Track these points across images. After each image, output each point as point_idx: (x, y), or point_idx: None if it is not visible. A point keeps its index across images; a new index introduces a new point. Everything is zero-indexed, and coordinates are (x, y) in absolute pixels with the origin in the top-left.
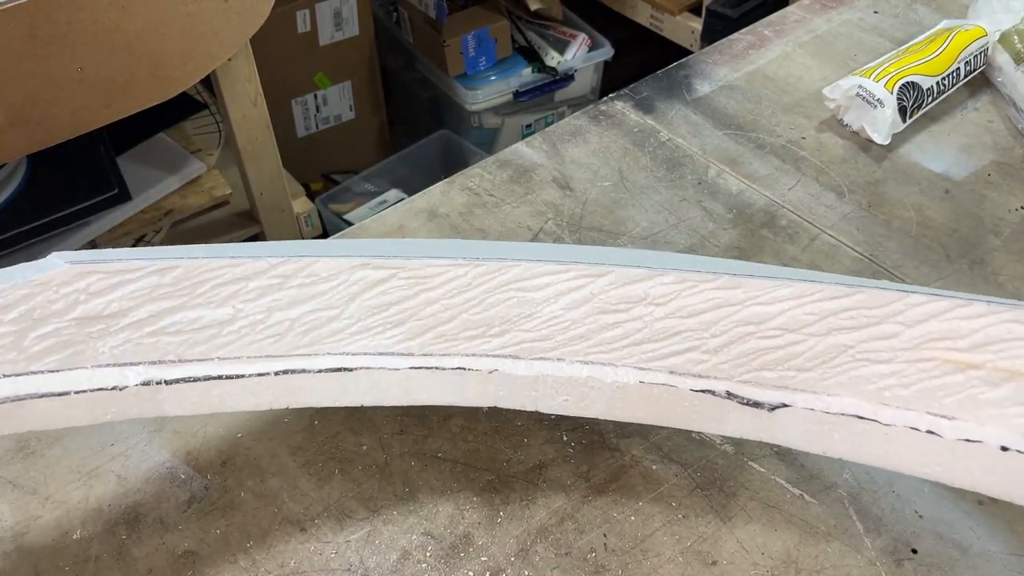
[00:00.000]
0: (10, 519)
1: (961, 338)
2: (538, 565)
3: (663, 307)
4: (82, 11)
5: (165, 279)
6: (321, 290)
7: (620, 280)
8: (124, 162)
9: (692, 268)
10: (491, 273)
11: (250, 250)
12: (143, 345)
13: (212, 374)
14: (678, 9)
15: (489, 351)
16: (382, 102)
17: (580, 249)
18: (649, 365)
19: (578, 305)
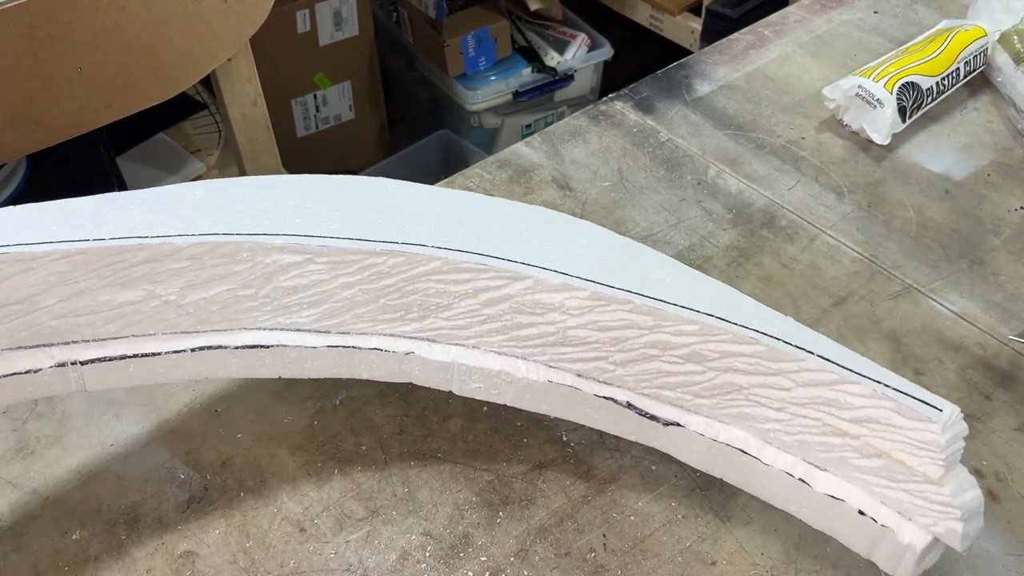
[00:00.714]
0: (10, 519)
1: (845, 409)
2: (538, 565)
3: (576, 318)
4: (82, 11)
5: (71, 265)
6: (235, 270)
7: (537, 287)
8: (124, 162)
9: (608, 283)
10: (411, 264)
11: (153, 228)
12: (56, 328)
13: (128, 353)
14: (678, 9)
15: (406, 333)
16: (382, 102)
17: (503, 241)
18: (558, 365)
19: (495, 303)
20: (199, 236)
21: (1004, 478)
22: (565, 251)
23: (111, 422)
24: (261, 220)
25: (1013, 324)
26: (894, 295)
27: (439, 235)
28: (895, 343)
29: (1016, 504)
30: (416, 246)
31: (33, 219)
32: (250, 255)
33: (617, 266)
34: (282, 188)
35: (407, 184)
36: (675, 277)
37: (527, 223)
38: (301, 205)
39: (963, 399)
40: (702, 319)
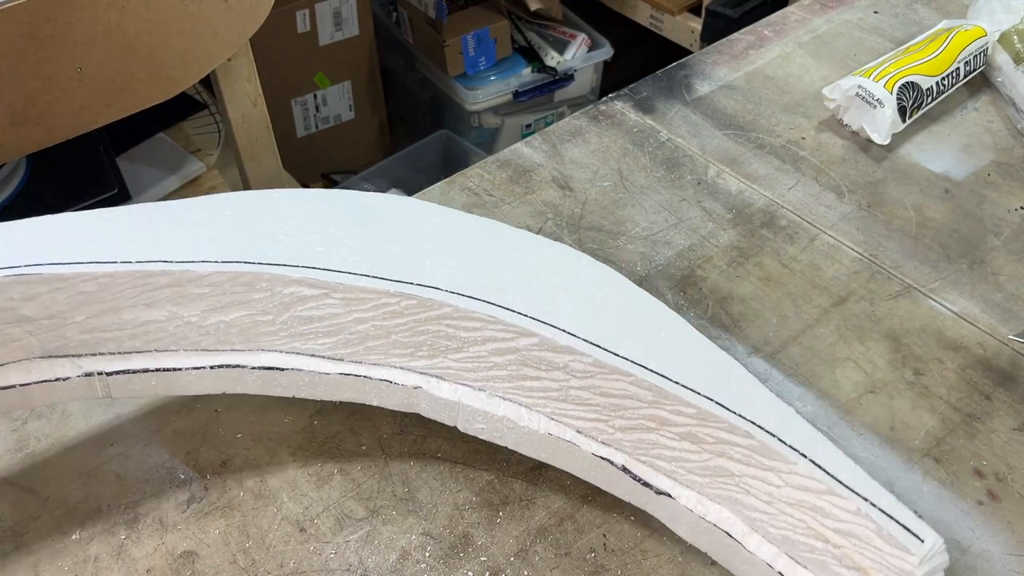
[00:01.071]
0: (10, 519)
1: (829, 518)
2: (538, 565)
3: (580, 380)
4: (82, 11)
5: (97, 286)
6: (255, 298)
7: (544, 346)
8: (124, 162)
9: (614, 351)
10: (423, 308)
11: (177, 250)
12: (84, 341)
13: (150, 367)
14: (678, 9)
15: (416, 368)
16: (382, 102)
17: (518, 288)
18: (560, 419)
19: (503, 353)
20: (220, 264)
21: (1004, 478)
22: (577, 304)
23: (111, 422)
24: (284, 246)
25: (1013, 324)
26: (894, 295)
27: (455, 277)
28: (895, 343)
29: (1016, 504)
30: (430, 289)
31: (65, 232)
32: (268, 285)
33: (626, 328)
34: (310, 207)
35: (433, 209)
36: (683, 346)
37: (547, 265)
38: (325, 230)
39: (963, 399)
40: (701, 403)
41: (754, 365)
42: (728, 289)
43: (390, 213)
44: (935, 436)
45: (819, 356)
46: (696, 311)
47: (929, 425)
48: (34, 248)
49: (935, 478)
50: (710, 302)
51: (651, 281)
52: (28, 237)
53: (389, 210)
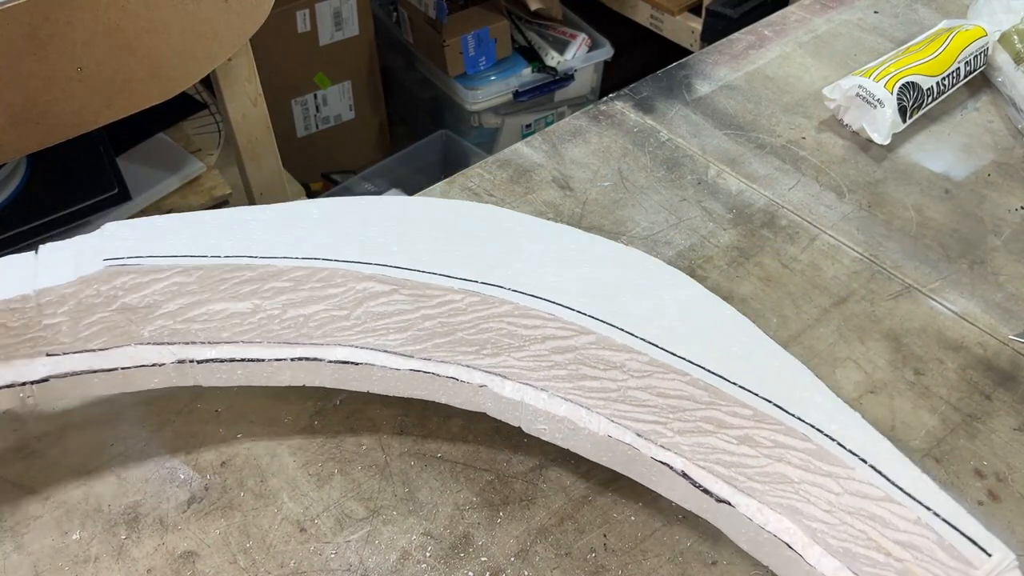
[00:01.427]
0: (10, 519)
1: (891, 529)
2: (538, 565)
3: (637, 380)
4: (82, 11)
5: (190, 278)
6: (331, 293)
7: (601, 343)
8: (124, 162)
9: (671, 350)
10: (485, 304)
11: (265, 248)
12: (178, 330)
13: (236, 357)
14: (678, 9)
15: (481, 367)
16: (382, 102)
17: (581, 288)
18: (620, 422)
19: (562, 352)
20: (300, 260)
21: (1004, 478)
22: (640, 305)
23: (111, 422)
24: (363, 246)
25: (1013, 324)
26: (894, 295)
27: (518, 277)
28: (895, 343)
29: (1016, 504)
30: (492, 287)
31: (170, 230)
32: (343, 281)
33: (689, 329)
34: (394, 210)
35: (512, 216)
36: (748, 348)
37: (616, 267)
38: (405, 233)
39: (963, 399)
40: (757, 404)
41: None
42: (729, 289)
43: (471, 219)
44: (935, 436)
45: (819, 356)
46: None
47: (929, 425)
48: (139, 243)
49: (935, 478)
50: None
51: None
52: (136, 233)
53: (470, 216)
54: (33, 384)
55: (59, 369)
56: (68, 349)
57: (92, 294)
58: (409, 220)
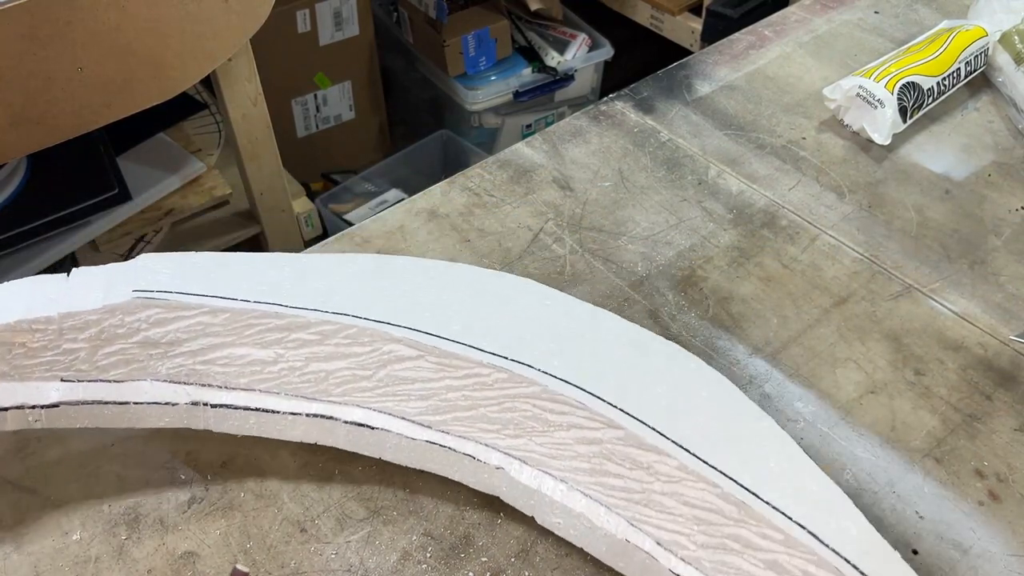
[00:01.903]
0: (10, 519)
1: None
2: (538, 566)
3: (663, 484)
4: (82, 11)
5: (216, 319)
6: (356, 352)
7: (629, 440)
8: (124, 162)
9: (703, 457)
10: (513, 383)
11: (296, 298)
12: (196, 371)
13: (251, 405)
14: (678, 9)
15: (500, 447)
16: (382, 102)
17: (612, 373)
18: (640, 526)
19: (588, 443)
20: (330, 315)
21: (1005, 478)
22: (674, 404)
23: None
24: (393, 305)
25: (1013, 324)
26: (895, 295)
27: (550, 358)
28: (895, 343)
29: (1016, 504)
30: (522, 365)
31: (204, 268)
32: (370, 340)
33: (722, 437)
34: (434, 275)
35: (550, 292)
36: (785, 465)
37: (650, 358)
38: (439, 297)
39: (964, 399)
40: (790, 528)
41: (755, 365)
42: (729, 289)
43: (507, 291)
44: (936, 436)
45: (820, 356)
46: (697, 311)
47: (930, 425)
48: (171, 278)
49: (936, 479)
50: (711, 302)
51: (652, 281)
52: (170, 268)
53: (507, 288)
54: (43, 408)
55: (72, 396)
56: (83, 377)
57: (116, 323)
58: (447, 284)
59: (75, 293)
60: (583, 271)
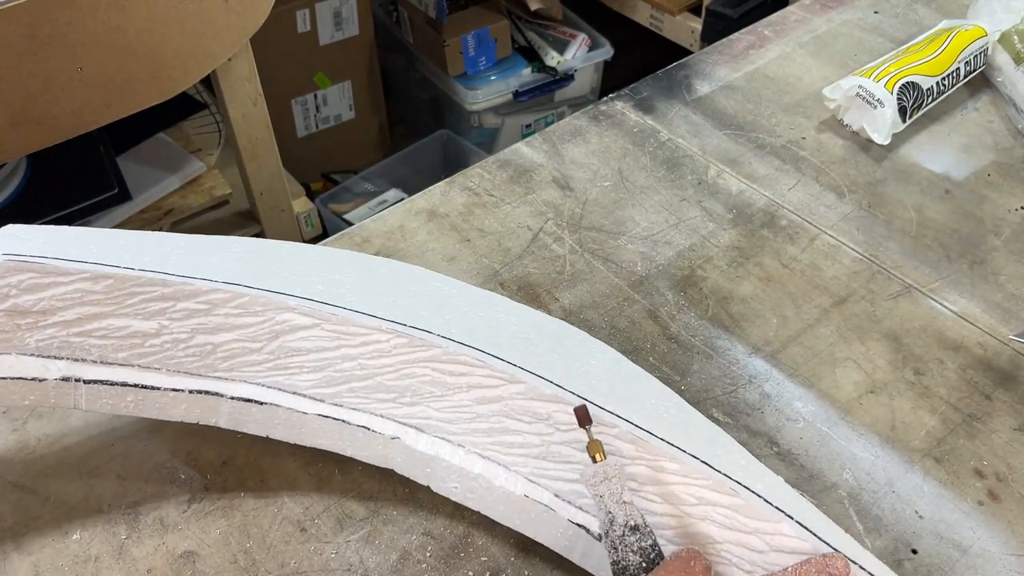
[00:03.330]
0: (10, 519)
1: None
2: (538, 565)
3: (563, 434)
4: (82, 11)
5: (97, 286)
6: (247, 322)
7: (530, 393)
8: (124, 162)
9: (600, 404)
10: (412, 347)
11: (183, 269)
12: (69, 343)
13: (129, 381)
14: (678, 9)
15: (396, 416)
16: (382, 102)
17: (510, 344)
18: (538, 481)
19: (487, 402)
20: (220, 283)
21: (1004, 478)
22: (568, 365)
23: (111, 422)
24: (285, 280)
25: (1013, 324)
26: (894, 295)
27: (448, 326)
28: (895, 343)
29: (1016, 504)
30: (420, 331)
31: (78, 239)
32: (263, 310)
33: (614, 389)
34: (319, 258)
35: (445, 279)
36: (673, 412)
37: (541, 333)
38: (329, 276)
39: (963, 399)
40: (685, 459)
41: (755, 365)
42: (729, 289)
43: (397, 274)
44: (935, 436)
45: (819, 356)
46: (697, 311)
47: (929, 425)
48: (43, 245)
49: (936, 478)
50: (710, 302)
51: (651, 281)
52: (41, 238)
53: (395, 271)
54: None
55: None
56: None
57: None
58: (338, 267)
59: None
60: (583, 271)
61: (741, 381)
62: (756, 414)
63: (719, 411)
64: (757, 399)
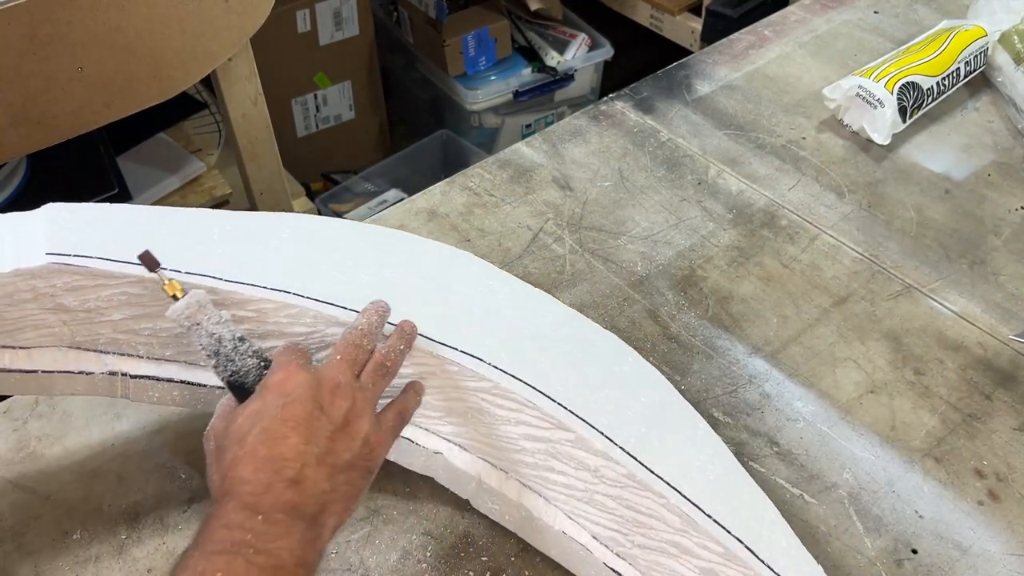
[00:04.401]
0: (10, 519)
1: None
2: (538, 565)
3: (608, 487)
4: (82, 11)
5: (144, 290)
6: (297, 332)
7: (578, 443)
8: (124, 162)
9: (650, 466)
10: (463, 375)
11: (231, 268)
12: (115, 340)
13: (176, 378)
14: (678, 9)
15: (441, 432)
16: (382, 102)
17: (564, 373)
18: (577, 520)
19: (534, 440)
20: (269, 291)
21: (1004, 478)
22: (619, 405)
23: (111, 422)
24: (334, 279)
25: (1013, 324)
26: (894, 295)
27: (498, 349)
28: (895, 343)
29: (1016, 504)
30: (472, 358)
31: (120, 225)
32: (313, 322)
33: (664, 443)
34: (365, 244)
35: (495, 273)
36: (720, 474)
37: (592, 355)
38: (379, 274)
39: (963, 399)
40: (730, 543)
41: (755, 365)
42: (729, 289)
43: (448, 268)
44: (935, 436)
45: (820, 356)
46: (697, 311)
47: (929, 425)
48: (86, 236)
49: (936, 478)
50: (711, 302)
51: (651, 281)
52: (82, 223)
53: (448, 265)
54: None
55: None
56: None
57: (25, 288)
58: (385, 257)
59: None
60: (583, 271)
61: (741, 381)
62: (756, 414)
63: (719, 411)
64: (757, 399)
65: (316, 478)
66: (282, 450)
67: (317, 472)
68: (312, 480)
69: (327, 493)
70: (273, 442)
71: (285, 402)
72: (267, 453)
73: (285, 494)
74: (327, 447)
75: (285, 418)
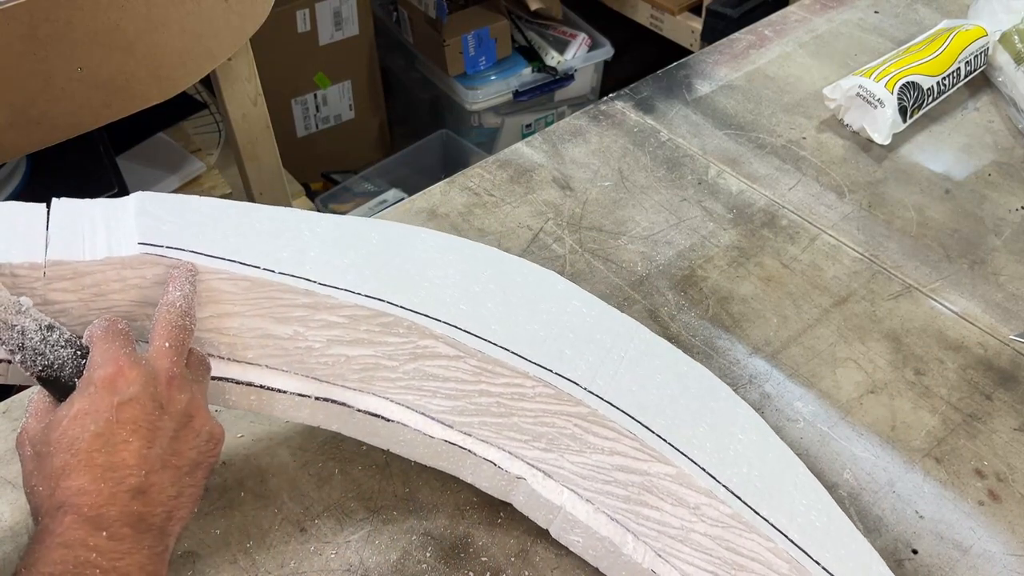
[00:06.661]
0: (10, 519)
1: None
2: (538, 565)
3: (708, 527)
4: (82, 11)
5: (234, 287)
6: (388, 341)
7: (680, 479)
8: (124, 162)
9: (755, 507)
10: (558, 400)
11: (324, 272)
12: (197, 339)
13: (256, 382)
14: (678, 9)
15: (525, 457)
16: (382, 102)
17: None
18: (670, 560)
19: (628, 472)
20: (363, 297)
21: (1005, 478)
22: (719, 442)
23: None
24: (428, 294)
25: (1014, 324)
26: (895, 295)
27: (593, 375)
28: (895, 343)
29: (1016, 504)
30: (567, 381)
31: (210, 220)
32: (407, 332)
33: (769, 485)
34: (454, 256)
35: (576, 291)
36: (824, 520)
37: (687, 388)
38: (469, 288)
39: (964, 399)
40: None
41: (755, 365)
42: (729, 289)
43: (534, 284)
44: (936, 436)
45: (820, 356)
46: (697, 311)
47: (930, 425)
48: (177, 227)
49: (936, 478)
50: (711, 302)
51: (652, 281)
52: (172, 214)
53: (534, 281)
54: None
55: None
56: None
57: (114, 277)
58: (473, 273)
59: (63, 235)
60: (583, 271)
61: (741, 381)
62: None
63: None
64: (757, 399)
65: (162, 484)
66: (123, 456)
67: (163, 477)
68: (158, 487)
69: (174, 499)
70: (111, 448)
71: (119, 402)
72: (105, 460)
73: (130, 505)
74: (172, 448)
75: (122, 420)
